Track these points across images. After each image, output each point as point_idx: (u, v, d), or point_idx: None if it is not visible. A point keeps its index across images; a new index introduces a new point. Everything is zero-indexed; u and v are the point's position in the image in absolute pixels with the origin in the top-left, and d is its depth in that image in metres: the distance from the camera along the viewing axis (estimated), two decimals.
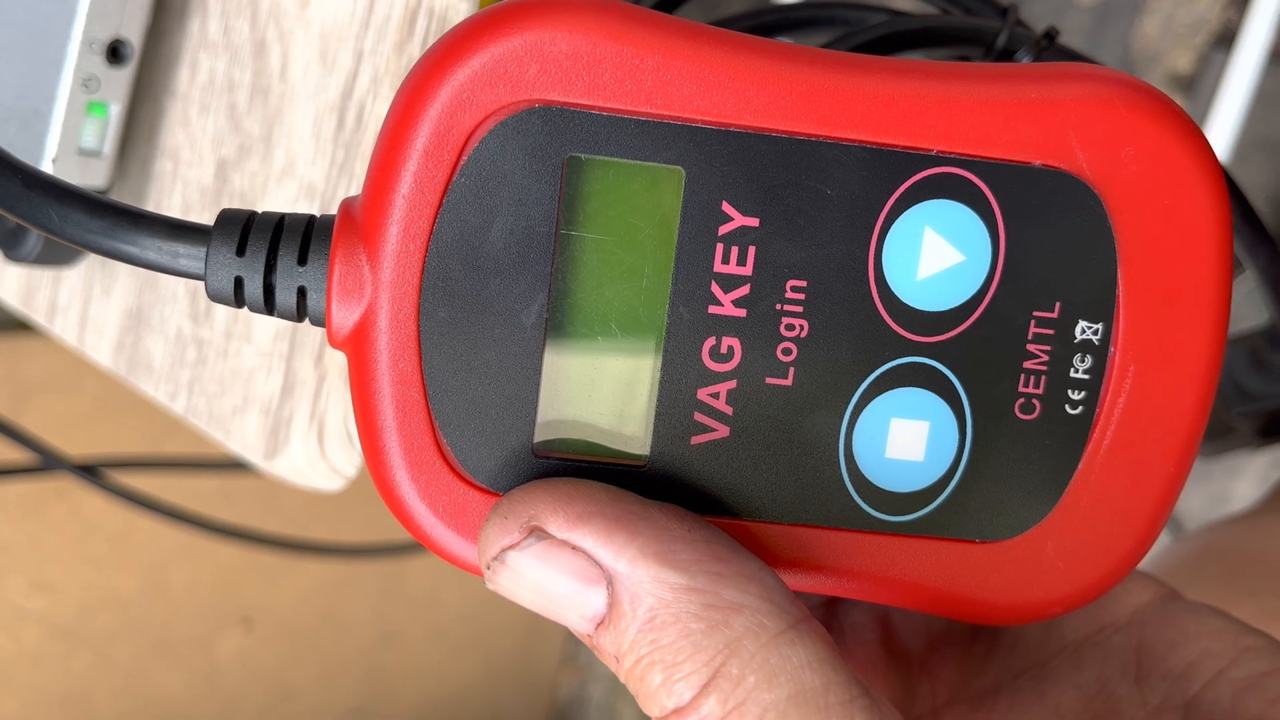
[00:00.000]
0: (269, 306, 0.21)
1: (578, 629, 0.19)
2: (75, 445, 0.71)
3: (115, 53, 0.31)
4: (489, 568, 0.20)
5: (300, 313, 0.21)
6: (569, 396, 0.21)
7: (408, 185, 0.20)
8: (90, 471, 0.47)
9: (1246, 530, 0.44)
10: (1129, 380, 0.21)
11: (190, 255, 0.20)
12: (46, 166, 0.31)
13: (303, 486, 0.32)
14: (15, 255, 0.33)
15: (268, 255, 0.20)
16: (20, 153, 0.31)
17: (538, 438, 0.21)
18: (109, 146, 0.32)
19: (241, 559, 0.89)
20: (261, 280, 0.20)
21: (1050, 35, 0.27)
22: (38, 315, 0.37)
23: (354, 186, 0.30)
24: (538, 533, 0.19)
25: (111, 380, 0.74)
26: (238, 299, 0.20)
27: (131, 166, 0.34)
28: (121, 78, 0.32)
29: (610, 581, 0.19)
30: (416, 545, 0.61)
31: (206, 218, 0.33)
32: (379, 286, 0.20)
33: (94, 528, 0.82)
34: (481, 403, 0.20)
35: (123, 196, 0.35)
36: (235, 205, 0.32)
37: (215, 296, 0.20)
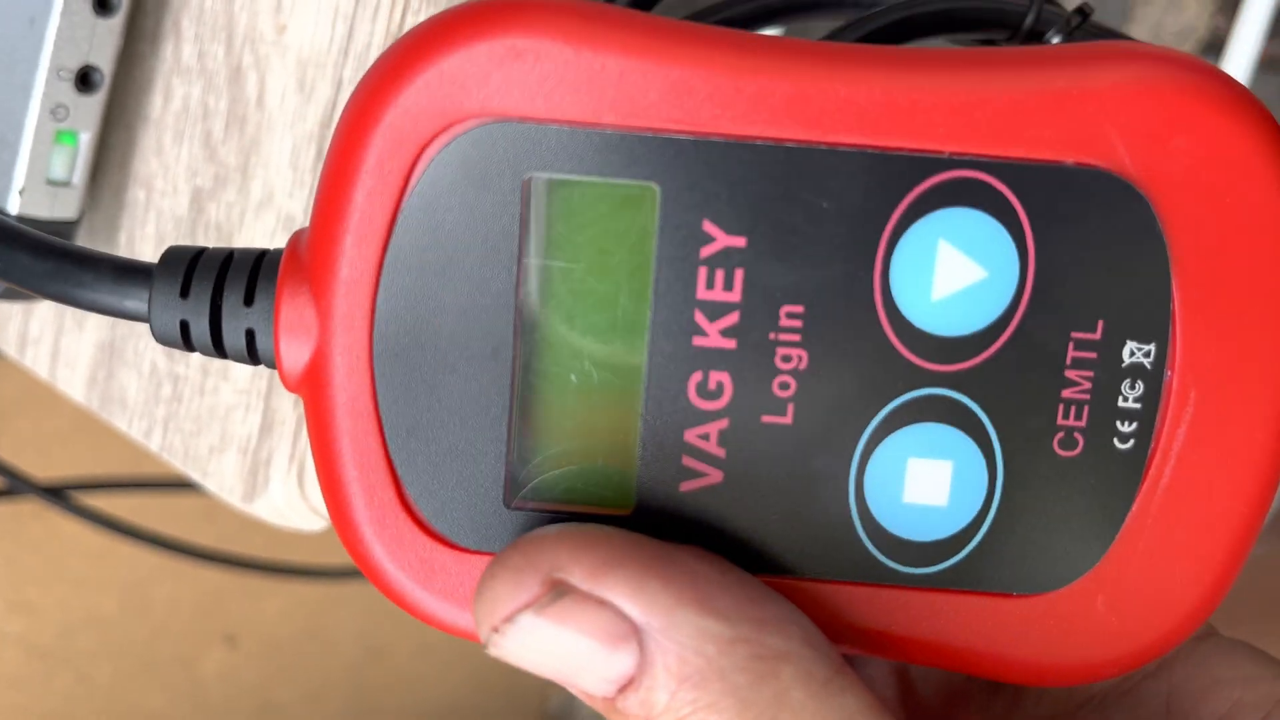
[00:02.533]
0: (219, 350, 0.19)
1: (596, 692, 0.17)
2: (54, 465, 0.69)
3: (85, 80, 0.30)
4: (496, 631, 0.17)
5: (252, 356, 0.19)
6: (542, 442, 0.19)
7: (351, 215, 0.18)
8: (58, 494, 0.45)
9: None
10: (1189, 408, 0.18)
11: (136, 297, 0.19)
12: (13, 198, 0.30)
13: (283, 528, 0.31)
14: None
15: (213, 295, 0.19)
16: None
17: (511, 488, 0.19)
18: (79, 176, 0.31)
19: (224, 576, 0.88)
20: (207, 323, 0.19)
21: (1084, 11, 0.24)
22: (8, 348, 0.36)
23: None
24: (560, 587, 0.17)
25: None
26: (186, 343, 0.19)
27: (103, 195, 0.33)
28: (92, 105, 0.30)
29: (641, 637, 0.17)
30: None
31: None
32: (328, 325, 0.18)
33: (72, 547, 0.81)
34: (447, 451, 0.19)
35: (95, 226, 0.34)
36: (211, 237, 0.31)
37: (162, 340, 0.19)
